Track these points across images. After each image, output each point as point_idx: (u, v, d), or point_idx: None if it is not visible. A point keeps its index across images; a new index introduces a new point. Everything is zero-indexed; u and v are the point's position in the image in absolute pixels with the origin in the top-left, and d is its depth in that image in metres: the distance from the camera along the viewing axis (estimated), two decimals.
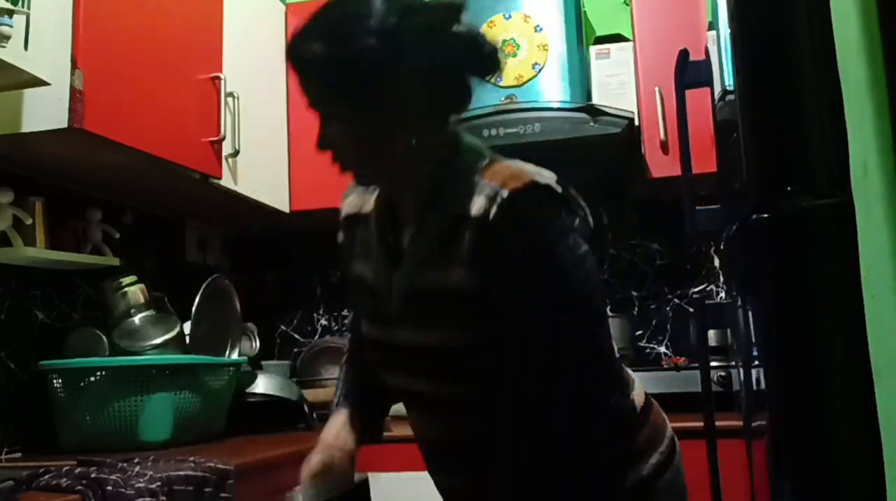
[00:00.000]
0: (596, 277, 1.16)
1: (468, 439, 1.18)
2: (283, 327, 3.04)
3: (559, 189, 1.10)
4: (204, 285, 2.22)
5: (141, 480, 1.34)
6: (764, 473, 1.21)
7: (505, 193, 1.07)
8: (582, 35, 2.65)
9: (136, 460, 1.50)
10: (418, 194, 1.15)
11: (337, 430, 1.27)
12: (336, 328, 3.00)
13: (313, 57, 1.07)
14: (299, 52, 1.09)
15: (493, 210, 1.07)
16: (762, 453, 1.22)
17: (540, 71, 2.57)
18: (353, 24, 1.06)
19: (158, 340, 2.09)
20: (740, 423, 1.68)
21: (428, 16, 1.08)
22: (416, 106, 1.09)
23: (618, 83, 2.58)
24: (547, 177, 1.11)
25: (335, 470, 1.22)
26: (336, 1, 1.11)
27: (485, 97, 2.61)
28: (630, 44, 2.60)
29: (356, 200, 1.29)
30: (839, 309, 1.06)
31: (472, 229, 1.08)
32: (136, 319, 2.14)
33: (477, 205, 1.08)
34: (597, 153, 2.51)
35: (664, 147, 2.45)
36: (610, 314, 2.70)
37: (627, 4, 2.69)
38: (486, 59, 1.14)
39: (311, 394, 2.53)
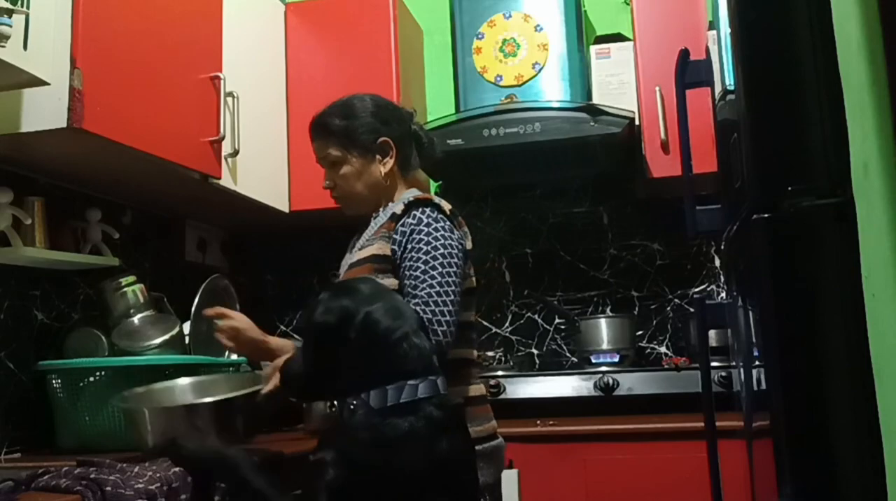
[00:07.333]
0: None
1: None
2: (282, 327, 3.04)
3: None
4: (203, 285, 2.21)
5: (140, 480, 1.34)
6: (764, 473, 1.21)
7: None
8: (582, 34, 2.64)
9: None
10: None
11: None
12: None
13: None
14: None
15: None
16: (763, 453, 1.22)
17: (540, 70, 2.57)
18: None
19: (158, 340, 2.08)
20: (741, 423, 1.68)
21: None
22: None
23: (618, 82, 2.58)
24: None
25: None
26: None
27: (485, 97, 2.61)
28: (630, 43, 2.60)
29: None
30: (840, 308, 1.05)
31: None
32: (136, 319, 2.14)
33: None
34: (597, 152, 2.51)
35: (664, 146, 2.45)
36: (610, 314, 2.70)
37: (628, 4, 2.69)
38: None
39: None
